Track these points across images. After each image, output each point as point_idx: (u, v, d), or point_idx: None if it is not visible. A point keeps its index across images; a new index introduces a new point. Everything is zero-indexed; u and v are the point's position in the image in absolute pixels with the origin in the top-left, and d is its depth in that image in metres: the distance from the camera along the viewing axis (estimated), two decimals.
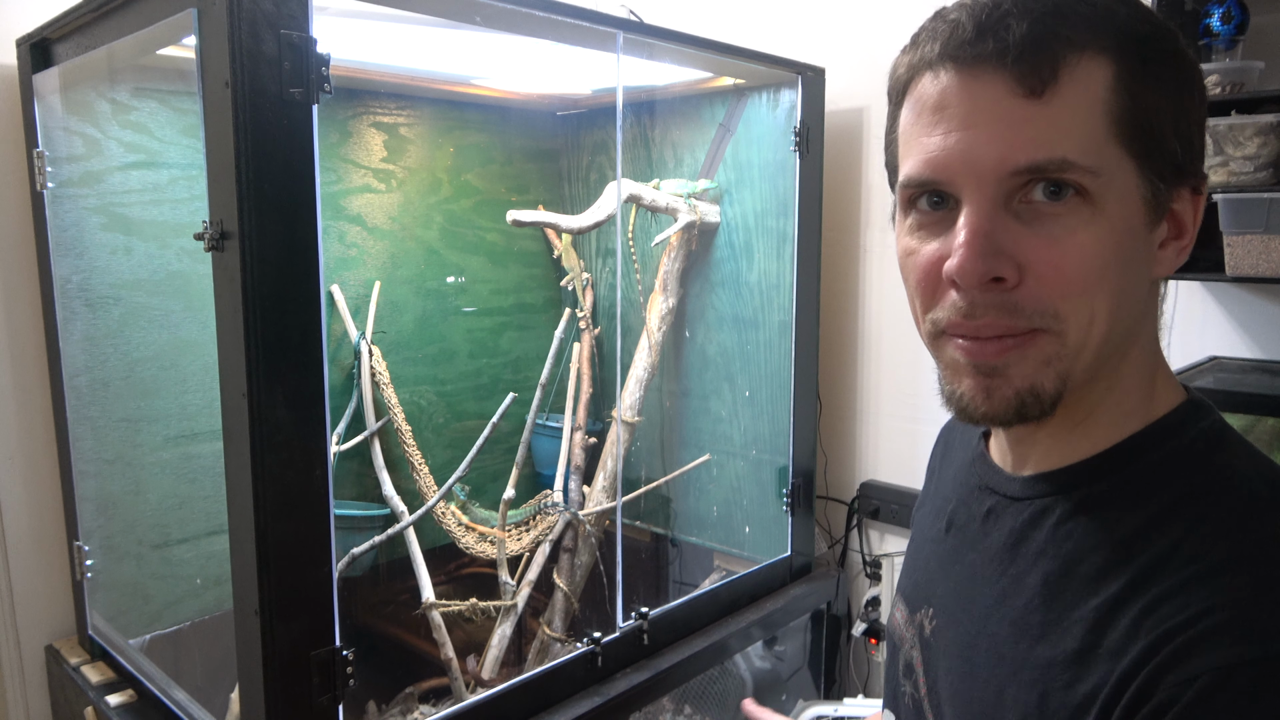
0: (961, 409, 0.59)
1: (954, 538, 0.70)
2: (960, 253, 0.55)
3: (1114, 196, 0.54)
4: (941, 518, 0.73)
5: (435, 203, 1.87)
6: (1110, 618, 0.54)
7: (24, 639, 1.54)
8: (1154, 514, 0.56)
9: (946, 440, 0.84)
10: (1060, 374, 0.56)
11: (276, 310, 0.99)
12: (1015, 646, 0.59)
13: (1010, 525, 0.64)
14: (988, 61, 0.54)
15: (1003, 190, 0.55)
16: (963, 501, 0.71)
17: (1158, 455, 0.59)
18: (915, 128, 0.58)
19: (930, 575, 0.72)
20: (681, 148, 1.95)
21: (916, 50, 0.58)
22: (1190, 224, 0.59)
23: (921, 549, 0.76)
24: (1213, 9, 1.39)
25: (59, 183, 1.43)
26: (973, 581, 0.66)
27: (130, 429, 1.51)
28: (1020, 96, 0.53)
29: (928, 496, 0.82)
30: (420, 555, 1.64)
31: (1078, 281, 0.54)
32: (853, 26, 1.92)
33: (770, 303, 1.84)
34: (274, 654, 1.03)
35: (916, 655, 0.70)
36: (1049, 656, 0.56)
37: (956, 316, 0.57)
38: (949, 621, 0.67)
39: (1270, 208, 1.31)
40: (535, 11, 1.27)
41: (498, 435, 1.66)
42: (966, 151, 0.55)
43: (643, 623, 1.53)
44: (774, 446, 1.86)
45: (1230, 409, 1.29)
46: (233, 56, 0.93)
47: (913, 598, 0.74)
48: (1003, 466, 0.68)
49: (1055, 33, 0.53)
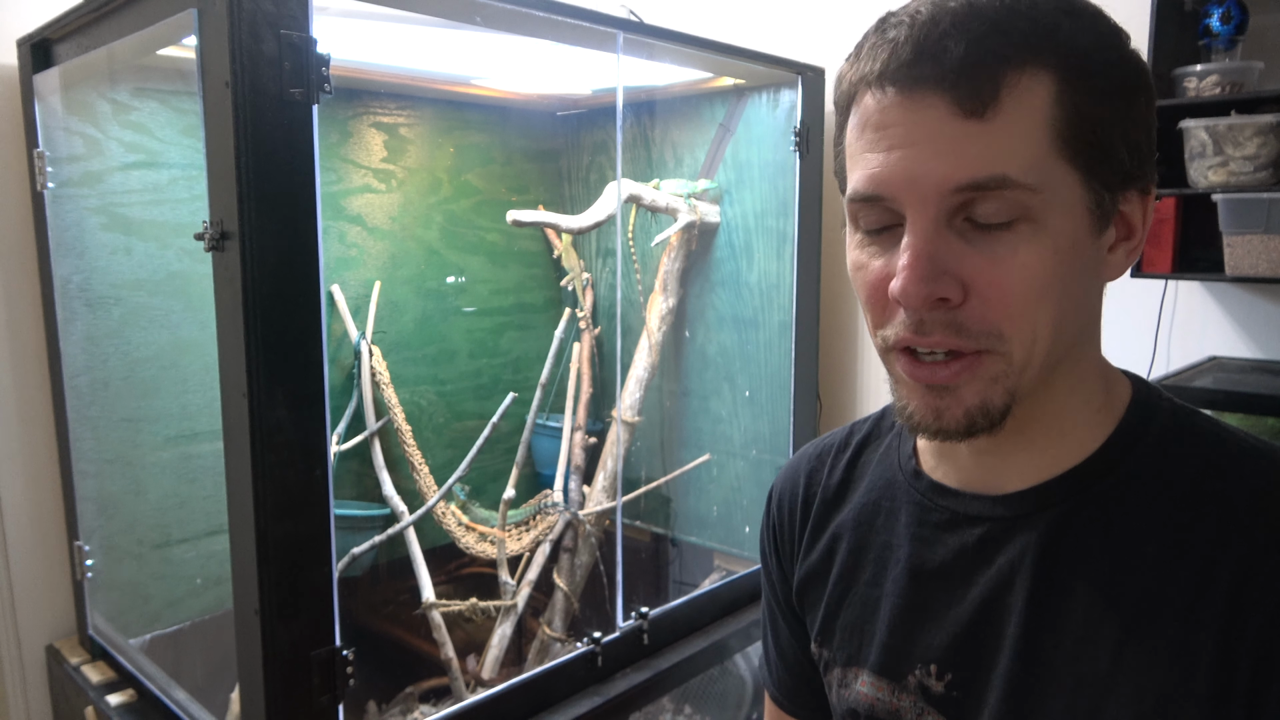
0: (913, 426, 0.60)
1: (932, 583, 0.65)
2: (904, 274, 0.55)
3: (1057, 211, 0.54)
4: (893, 569, 0.68)
5: (435, 203, 1.87)
6: (1201, 595, 0.54)
7: (24, 639, 1.54)
8: (1185, 487, 0.57)
9: (803, 497, 0.78)
10: (1008, 389, 0.57)
11: (276, 310, 0.99)
12: (1095, 664, 0.56)
13: (1025, 543, 0.60)
14: (926, 84, 0.53)
15: (945, 208, 0.54)
16: (923, 543, 0.66)
17: (1150, 438, 0.60)
18: (859, 143, 0.58)
19: (910, 634, 0.66)
20: (681, 148, 1.95)
21: (858, 65, 0.58)
22: (1140, 225, 0.59)
23: (870, 611, 0.69)
24: (1212, 9, 1.39)
25: (59, 183, 1.43)
26: (991, 618, 0.61)
27: (130, 429, 1.51)
28: (961, 117, 0.53)
29: (812, 559, 0.75)
30: (420, 555, 1.64)
31: (1020, 300, 0.54)
32: (853, 26, 1.91)
33: (770, 303, 1.84)
34: (274, 654, 1.03)
35: (936, 718, 0.64)
36: (1145, 658, 0.54)
37: (906, 332, 0.57)
38: (974, 669, 0.62)
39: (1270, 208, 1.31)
40: (535, 11, 1.27)
41: (498, 435, 1.66)
42: (909, 169, 0.54)
43: (643, 623, 1.53)
44: (774, 446, 1.86)
45: (1230, 409, 1.29)
46: (233, 56, 0.93)
47: (889, 665, 0.67)
48: (965, 489, 0.65)
49: (994, 51, 0.52)
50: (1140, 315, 1.61)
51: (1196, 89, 1.39)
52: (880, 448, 0.75)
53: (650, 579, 2.10)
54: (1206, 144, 1.34)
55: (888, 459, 0.73)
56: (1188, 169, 1.38)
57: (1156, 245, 1.46)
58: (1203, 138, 1.35)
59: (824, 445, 0.81)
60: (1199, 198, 1.39)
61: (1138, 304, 1.61)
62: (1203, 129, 1.34)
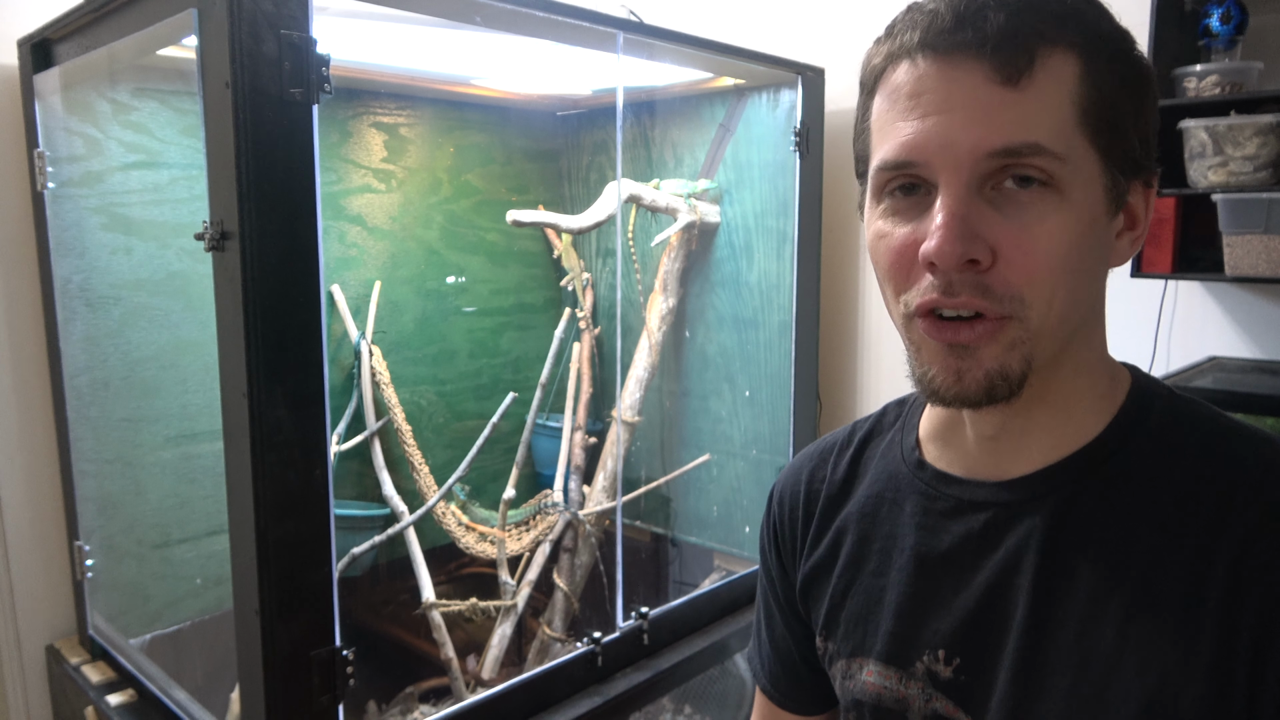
0: (933, 391, 0.60)
1: (938, 570, 0.66)
2: (938, 234, 0.56)
3: (1079, 184, 0.56)
4: (898, 558, 0.69)
5: (435, 203, 1.87)
6: (1202, 574, 0.55)
7: (24, 639, 1.54)
8: (1186, 471, 0.59)
9: (804, 495, 0.79)
10: (1025, 356, 0.58)
11: (276, 310, 0.99)
12: (1101, 642, 0.57)
13: (1031, 526, 0.62)
14: (966, 50, 0.55)
15: (977, 174, 0.56)
16: (929, 531, 0.67)
17: (1151, 422, 0.62)
18: (891, 114, 0.59)
19: (917, 621, 0.67)
20: (681, 148, 1.95)
21: (894, 39, 0.59)
22: (1142, 216, 0.62)
23: (876, 600, 0.70)
24: (1212, 9, 1.39)
25: (59, 183, 1.43)
26: (996, 601, 0.63)
27: (130, 429, 1.51)
28: (996, 84, 0.55)
29: (816, 552, 0.76)
30: (420, 555, 1.64)
31: (1044, 266, 0.56)
32: (853, 26, 1.92)
33: (770, 303, 1.84)
34: (274, 654, 1.03)
35: (945, 704, 0.65)
36: (1149, 635, 0.56)
37: (934, 294, 0.58)
38: (981, 653, 0.63)
39: (1270, 208, 1.31)
40: (535, 11, 1.27)
41: (498, 435, 1.66)
42: (944, 134, 0.56)
43: (643, 623, 1.53)
44: (774, 446, 1.86)
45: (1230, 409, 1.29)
46: (233, 57, 0.94)
47: (897, 653, 0.68)
48: (969, 476, 0.66)
49: (1031, 25, 0.55)
50: (1140, 315, 1.61)
51: (1196, 89, 1.39)
52: (883, 443, 0.77)
53: (650, 579, 2.10)
54: (1206, 144, 1.34)
55: (890, 453, 0.74)
56: (1187, 169, 1.38)
57: (1156, 245, 1.46)
58: (1202, 138, 1.35)
59: (826, 444, 0.82)
60: (1199, 198, 1.39)
61: (1138, 304, 1.61)
62: (1202, 129, 1.34)
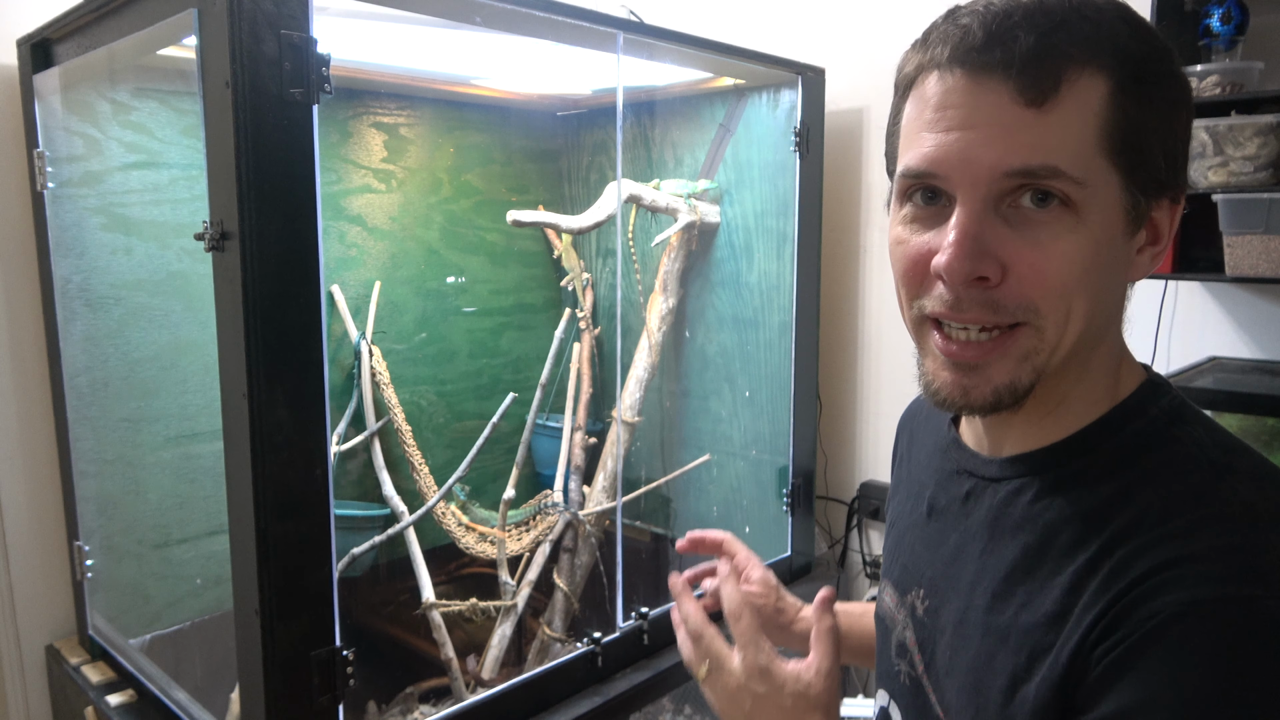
0: (939, 401, 0.64)
1: (936, 521, 0.73)
2: (949, 251, 0.58)
3: (1097, 207, 0.57)
4: (921, 503, 0.76)
5: (435, 203, 1.87)
6: (1085, 580, 0.57)
7: (24, 639, 1.54)
8: (1123, 486, 0.60)
9: (910, 430, 0.87)
10: (1036, 368, 0.60)
11: (276, 310, 0.99)
12: (1000, 616, 0.62)
13: (989, 504, 0.67)
14: (994, 69, 0.56)
15: (994, 192, 0.57)
16: (941, 486, 0.74)
17: (1125, 433, 0.63)
18: (917, 123, 0.60)
19: (916, 559, 0.75)
20: (681, 148, 1.95)
21: (927, 50, 0.60)
22: (1166, 231, 0.63)
23: (904, 535, 0.79)
24: (1212, 9, 1.39)
25: (59, 183, 1.43)
26: (959, 560, 0.69)
27: (130, 429, 1.51)
28: (1021, 105, 0.56)
29: (900, 484, 0.85)
30: (420, 555, 1.64)
31: (1057, 284, 0.57)
32: (853, 26, 1.92)
33: (770, 303, 1.84)
34: (274, 654, 1.03)
35: (910, 635, 0.73)
36: (1031, 621, 0.60)
37: (943, 308, 0.60)
38: (940, 600, 0.70)
39: (1270, 208, 1.31)
40: (535, 11, 1.27)
41: (498, 435, 1.66)
42: (964, 151, 0.57)
43: (643, 623, 1.53)
44: (774, 446, 1.86)
45: (1230, 409, 1.29)
46: (233, 57, 0.94)
47: (901, 581, 0.76)
48: (978, 450, 0.71)
49: (1059, 47, 0.56)
50: (1140, 315, 1.61)
51: (1197, 89, 1.39)
52: None
53: (650, 579, 2.10)
54: (1206, 144, 1.34)
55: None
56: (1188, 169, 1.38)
57: None
58: (1203, 138, 1.35)
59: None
60: (1199, 198, 1.39)
61: (1138, 304, 1.59)
62: (1203, 129, 1.34)
